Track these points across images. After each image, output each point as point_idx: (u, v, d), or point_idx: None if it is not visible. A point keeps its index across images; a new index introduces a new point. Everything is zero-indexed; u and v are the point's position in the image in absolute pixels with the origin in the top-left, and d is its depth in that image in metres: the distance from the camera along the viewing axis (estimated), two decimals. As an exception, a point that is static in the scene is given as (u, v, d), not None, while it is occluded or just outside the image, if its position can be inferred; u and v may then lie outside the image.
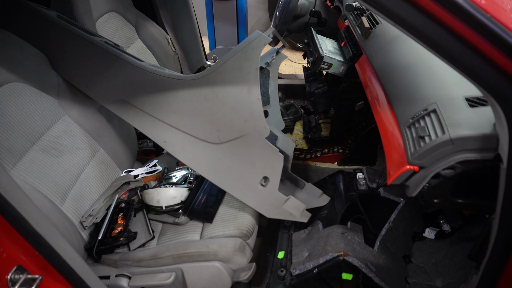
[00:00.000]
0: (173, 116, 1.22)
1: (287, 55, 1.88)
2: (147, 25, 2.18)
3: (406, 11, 0.65)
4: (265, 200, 1.24)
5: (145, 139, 1.98)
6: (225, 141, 1.18)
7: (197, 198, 1.35)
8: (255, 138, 1.15)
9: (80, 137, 1.33)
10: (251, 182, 1.22)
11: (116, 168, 1.45)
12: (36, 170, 1.12)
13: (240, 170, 1.21)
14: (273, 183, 1.21)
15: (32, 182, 1.08)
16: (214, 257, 1.17)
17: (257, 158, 1.18)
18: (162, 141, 1.24)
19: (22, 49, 1.22)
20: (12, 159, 1.06)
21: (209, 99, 1.14)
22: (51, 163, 1.18)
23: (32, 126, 1.16)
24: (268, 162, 1.18)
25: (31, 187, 1.07)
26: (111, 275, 1.17)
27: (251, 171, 1.20)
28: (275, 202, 1.25)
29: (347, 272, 1.22)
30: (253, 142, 1.16)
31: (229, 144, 1.18)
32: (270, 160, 1.18)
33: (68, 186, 1.21)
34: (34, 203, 0.75)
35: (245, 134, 1.15)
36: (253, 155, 1.18)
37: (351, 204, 1.43)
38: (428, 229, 1.31)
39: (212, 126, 1.18)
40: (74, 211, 1.20)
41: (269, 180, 1.21)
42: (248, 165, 1.20)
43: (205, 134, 1.20)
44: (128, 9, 2.05)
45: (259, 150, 1.17)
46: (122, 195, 1.38)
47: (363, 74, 1.37)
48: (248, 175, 1.21)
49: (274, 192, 1.22)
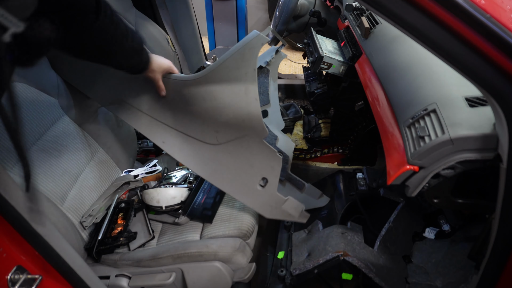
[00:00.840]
0: (171, 117, 1.22)
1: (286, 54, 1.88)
2: (147, 25, 2.18)
3: (406, 11, 0.65)
4: (264, 201, 1.24)
5: (145, 139, 1.98)
6: (223, 142, 1.18)
7: (197, 198, 1.35)
8: (254, 139, 1.14)
9: (80, 137, 1.33)
10: (250, 183, 1.21)
11: (116, 168, 1.45)
12: (36, 170, 1.11)
13: (239, 171, 1.21)
14: (271, 184, 1.21)
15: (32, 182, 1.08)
16: (214, 257, 1.17)
17: (256, 160, 1.18)
18: (161, 141, 1.24)
19: (22, 49, 1.22)
20: (12, 159, 1.06)
21: (207, 99, 1.13)
22: (51, 163, 1.18)
23: (32, 126, 1.16)
24: (266, 163, 1.18)
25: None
26: (111, 275, 1.17)
27: (250, 172, 1.20)
28: (274, 203, 1.25)
29: (347, 272, 1.22)
30: (252, 143, 1.15)
31: (228, 145, 1.18)
32: (268, 161, 1.17)
33: (68, 186, 1.21)
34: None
35: (243, 135, 1.15)
36: (252, 156, 1.18)
37: (351, 204, 1.43)
38: (428, 229, 1.31)
39: (210, 127, 1.17)
40: (74, 211, 1.20)
41: (268, 181, 1.21)
42: (246, 166, 1.19)
43: (203, 134, 1.20)
44: (128, 9, 2.05)
45: (258, 151, 1.16)
46: (122, 195, 1.38)
47: (363, 74, 1.37)
48: (247, 176, 1.21)
49: (273, 193, 1.22)
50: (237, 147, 1.17)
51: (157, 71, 1.13)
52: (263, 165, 1.18)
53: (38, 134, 1.18)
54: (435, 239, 1.30)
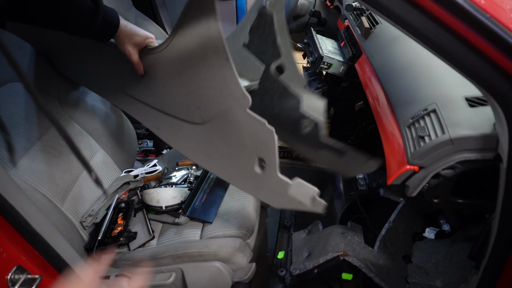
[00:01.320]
0: (157, 98, 1.10)
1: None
2: (147, 25, 2.18)
3: (406, 11, 0.65)
4: (267, 187, 1.02)
5: (145, 139, 1.98)
6: (208, 120, 1.02)
7: (197, 198, 1.35)
8: (237, 111, 0.94)
9: (80, 137, 1.33)
10: (246, 166, 1.01)
11: (116, 168, 1.45)
12: (36, 170, 1.11)
13: (231, 153, 1.03)
14: (270, 165, 0.97)
15: (32, 182, 1.08)
16: (214, 257, 1.17)
17: (246, 137, 0.97)
18: (155, 127, 1.15)
19: (22, 49, 1.22)
20: (12, 159, 1.06)
21: (180, 71, 0.98)
22: (51, 163, 1.18)
23: (32, 126, 1.16)
24: (258, 139, 0.95)
25: (31, 187, 1.07)
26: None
27: (243, 152, 1.00)
28: (279, 188, 1.00)
29: (347, 272, 1.22)
30: (236, 116, 0.95)
31: (213, 122, 1.01)
32: (260, 137, 0.94)
33: (68, 186, 1.21)
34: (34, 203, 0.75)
35: (225, 108, 0.96)
36: (241, 133, 0.97)
37: (351, 204, 1.43)
38: (428, 229, 1.31)
39: (191, 103, 1.02)
40: (74, 211, 1.20)
41: (266, 162, 0.97)
42: (238, 146, 1.00)
43: (187, 113, 1.05)
44: (128, 9, 2.05)
45: (245, 126, 0.95)
46: (122, 195, 1.38)
47: (363, 74, 1.37)
48: (241, 158, 1.02)
49: (274, 176, 0.97)
50: (223, 124, 0.99)
51: (128, 43, 0.96)
52: (256, 142, 0.97)
53: (38, 134, 1.18)
54: (435, 239, 1.30)
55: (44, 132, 1.20)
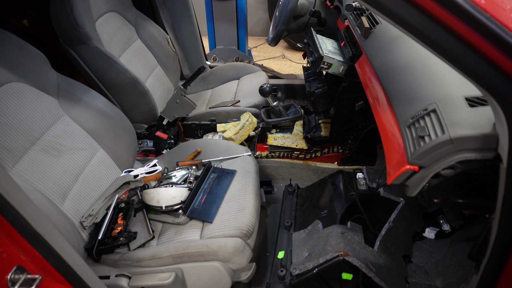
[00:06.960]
0: None
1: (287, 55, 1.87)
2: (147, 25, 2.18)
3: (406, 11, 0.65)
4: None
5: (145, 139, 1.98)
6: None
7: (197, 198, 1.35)
8: None
9: (80, 137, 1.33)
10: None
11: (116, 168, 1.45)
12: (36, 170, 1.12)
13: None
14: None
15: (32, 182, 1.08)
16: (214, 257, 1.16)
17: None
18: None
19: (22, 49, 1.22)
20: (12, 159, 1.06)
21: None
22: (51, 163, 1.18)
23: (32, 126, 1.16)
24: None
25: (31, 187, 1.07)
26: (111, 275, 1.17)
27: None
28: None
29: (347, 272, 1.22)
30: None
31: None
32: None
33: (68, 186, 1.21)
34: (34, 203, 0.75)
35: None
36: None
37: (351, 204, 1.43)
38: (428, 229, 1.31)
39: None
40: (74, 211, 1.20)
41: None
42: None
43: None
44: (128, 9, 2.05)
45: None
46: (122, 195, 1.38)
47: (363, 74, 1.37)
48: None
49: None
50: None
51: None
52: None
53: (38, 134, 1.18)
54: (435, 239, 1.30)
55: (44, 132, 1.20)
